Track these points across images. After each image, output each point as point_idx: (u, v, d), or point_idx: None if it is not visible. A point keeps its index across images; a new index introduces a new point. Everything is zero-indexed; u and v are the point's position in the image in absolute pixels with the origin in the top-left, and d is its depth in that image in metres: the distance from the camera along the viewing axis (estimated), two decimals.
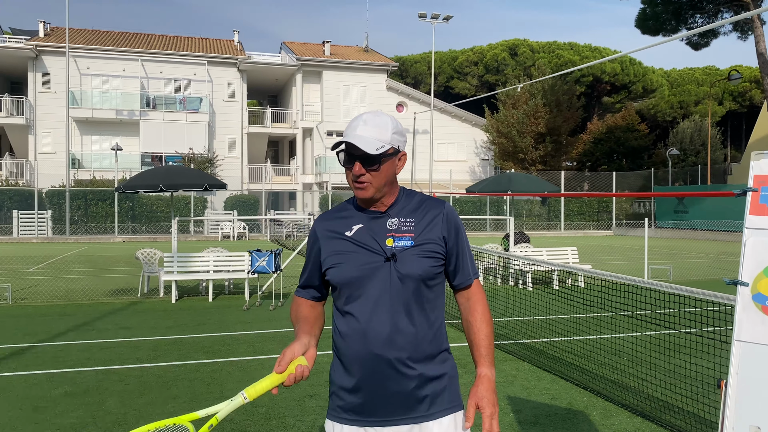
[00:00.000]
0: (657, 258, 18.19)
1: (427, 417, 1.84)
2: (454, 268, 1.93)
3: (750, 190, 2.06)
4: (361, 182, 1.83)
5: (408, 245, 1.84)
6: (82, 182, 31.37)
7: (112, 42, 37.45)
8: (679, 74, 55.55)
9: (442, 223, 1.90)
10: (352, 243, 1.86)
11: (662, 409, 4.82)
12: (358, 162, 1.81)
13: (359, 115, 1.88)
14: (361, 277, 1.81)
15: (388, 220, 1.88)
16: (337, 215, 1.94)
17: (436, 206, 1.93)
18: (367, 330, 1.80)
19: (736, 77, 31.45)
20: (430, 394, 1.84)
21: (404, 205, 1.92)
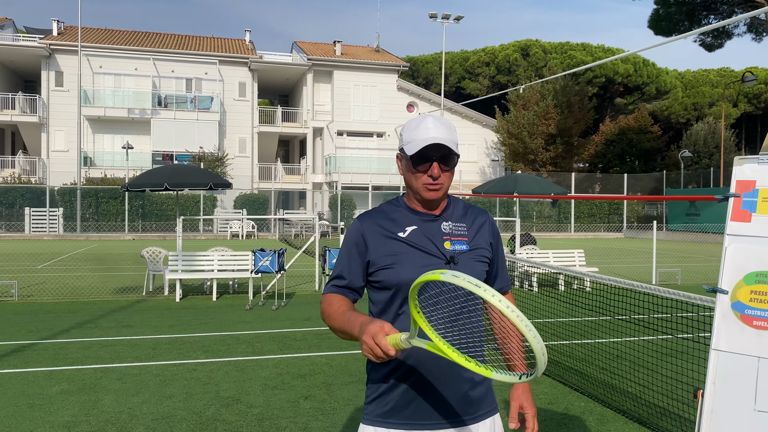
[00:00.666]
0: (667, 261, 18.02)
1: (471, 420, 1.88)
2: (495, 273, 2.03)
3: (732, 196, 2.01)
4: (438, 183, 1.85)
5: (464, 249, 1.89)
6: (94, 180, 31.61)
7: (124, 41, 37.70)
8: (693, 76, 55.06)
9: (489, 230, 1.99)
10: (407, 245, 1.86)
11: (659, 416, 4.75)
12: (437, 163, 1.84)
13: (422, 117, 1.89)
14: None
15: (443, 224, 1.91)
16: (386, 216, 1.93)
17: (481, 214, 2.02)
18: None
19: (750, 79, 31.11)
20: (477, 397, 1.89)
21: (454, 210, 1.97)
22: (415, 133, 1.85)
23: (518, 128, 37.49)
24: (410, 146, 1.84)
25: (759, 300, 1.86)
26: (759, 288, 1.87)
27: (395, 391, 1.84)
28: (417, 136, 1.84)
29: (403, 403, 1.83)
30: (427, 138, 1.82)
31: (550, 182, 13.02)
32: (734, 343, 1.87)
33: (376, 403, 1.87)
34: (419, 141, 1.83)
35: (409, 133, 1.86)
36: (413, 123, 1.88)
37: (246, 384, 5.53)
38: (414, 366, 1.81)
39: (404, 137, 1.88)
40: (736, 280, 1.92)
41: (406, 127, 1.89)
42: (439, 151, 1.83)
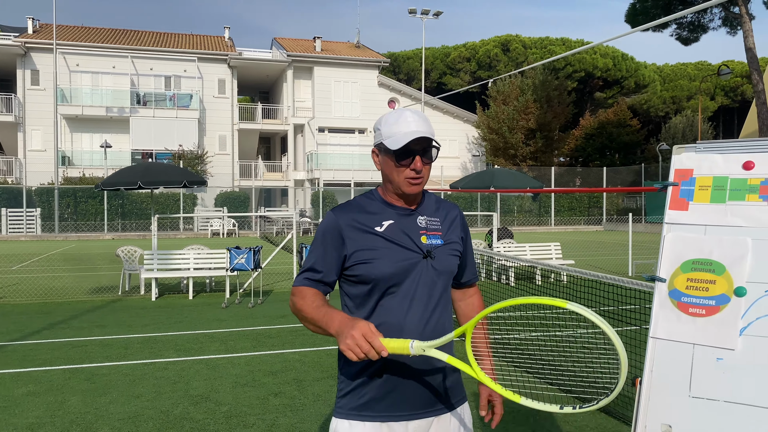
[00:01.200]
0: (644, 253, 18.19)
1: (444, 410, 1.91)
2: (464, 266, 2.07)
3: (670, 185, 2.03)
4: (420, 177, 1.86)
5: (440, 243, 1.92)
6: (72, 180, 31.23)
7: (101, 39, 37.26)
8: (671, 69, 55.61)
9: (460, 224, 2.02)
10: (385, 239, 1.86)
11: (626, 405, 4.80)
12: (419, 156, 1.84)
13: (400, 111, 1.89)
14: (398, 273, 1.83)
15: (418, 218, 1.92)
16: (362, 209, 1.91)
17: (452, 208, 2.04)
18: (404, 325, 1.83)
19: (726, 72, 31.46)
20: (450, 386, 1.92)
21: (428, 204, 1.99)
22: (395, 127, 1.84)
23: (498, 123, 37.63)
24: (392, 140, 1.83)
25: (695, 287, 1.89)
26: (695, 275, 1.89)
27: (371, 385, 1.84)
28: (398, 130, 1.83)
29: (379, 395, 1.84)
30: (410, 132, 1.82)
31: (526, 176, 13.10)
32: (671, 330, 1.89)
33: (350, 397, 1.86)
34: (401, 135, 1.82)
35: (389, 127, 1.85)
36: (391, 117, 1.87)
37: (216, 382, 5.50)
38: (391, 360, 1.82)
39: (383, 132, 1.86)
40: (674, 268, 1.94)
41: (384, 122, 1.88)
42: (421, 144, 1.84)
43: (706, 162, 2.00)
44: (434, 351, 1.66)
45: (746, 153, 1.94)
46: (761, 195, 1.88)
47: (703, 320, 1.85)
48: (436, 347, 1.67)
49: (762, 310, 1.78)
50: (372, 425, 1.83)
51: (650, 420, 1.86)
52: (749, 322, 1.78)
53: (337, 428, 1.86)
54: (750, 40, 23.36)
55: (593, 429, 4.34)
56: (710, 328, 1.83)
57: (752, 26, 23.52)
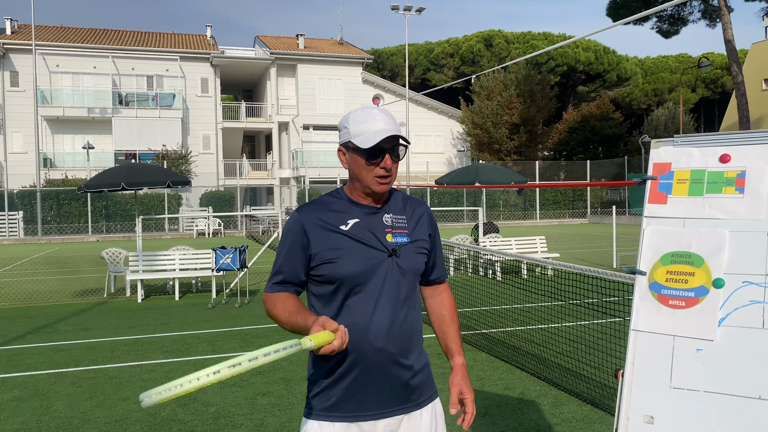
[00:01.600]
0: (629, 245, 18.36)
1: (414, 407, 1.91)
2: (433, 263, 2.05)
3: (649, 179, 2.06)
4: (390, 176, 1.85)
5: (406, 241, 1.91)
6: (54, 182, 30.90)
7: (81, 39, 36.85)
8: (652, 62, 56.05)
9: (427, 221, 2.01)
10: (350, 238, 1.84)
11: (611, 397, 4.85)
12: (389, 155, 1.83)
13: (368, 109, 1.88)
14: (363, 272, 1.82)
15: (384, 216, 1.91)
16: (327, 208, 1.90)
17: (419, 205, 2.03)
18: (370, 324, 1.82)
19: (706, 64, 31.79)
20: (418, 384, 1.91)
21: (394, 202, 1.97)
22: (364, 125, 1.83)
23: (482, 118, 37.74)
24: (362, 139, 1.82)
25: (674, 280, 1.91)
26: (674, 268, 1.92)
27: (339, 385, 1.84)
28: (367, 128, 1.82)
29: (347, 396, 1.83)
30: (380, 130, 1.82)
31: (511, 170, 13.16)
32: (651, 322, 1.91)
33: (319, 398, 1.86)
34: (372, 133, 1.81)
35: (357, 125, 1.84)
36: (359, 115, 1.86)
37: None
38: (357, 359, 1.82)
39: (351, 130, 1.85)
40: (653, 261, 1.97)
41: (352, 120, 1.86)
42: (390, 142, 1.83)
43: (684, 156, 2.03)
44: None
45: (722, 146, 1.97)
46: (737, 187, 1.91)
47: (682, 312, 1.88)
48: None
49: (740, 301, 1.81)
50: (341, 425, 1.83)
51: (632, 411, 1.88)
52: (727, 313, 1.81)
53: (308, 429, 1.86)
54: (729, 32, 23.61)
55: (579, 420, 4.39)
56: (690, 319, 1.86)
57: (731, 18, 23.78)
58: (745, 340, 1.77)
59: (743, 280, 1.81)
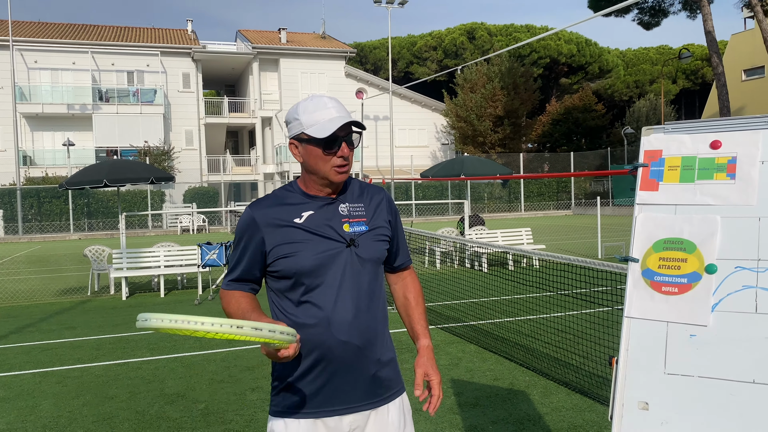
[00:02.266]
0: (613, 235, 18.51)
1: (382, 401, 1.86)
2: (396, 249, 2.01)
3: (641, 166, 2.06)
4: (348, 164, 1.81)
5: (364, 230, 1.86)
6: (35, 180, 30.49)
7: (59, 34, 36.31)
8: (633, 54, 56.41)
9: (386, 207, 1.95)
10: (305, 231, 1.80)
11: (600, 386, 4.89)
12: (345, 142, 1.79)
13: (317, 98, 1.82)
14: (321, 265, 1.77)
15: (340, 206, 1.86)
16: (279, 202, 1.85)
17: (377, 192, 1.98)
18: (332, 317, 1.77)
19: (686, 56, 32.06)
20: (385, 377, 1.87)
21: (351, 190, 1.92)
22: (316, 114, 1.78)
23: (466, 111, 37.79)
24: (316, 128, 1.77)
25: (667, 266, 1.92)
26: (667, 255, 1.92)
27: (303, 381, 1.80)
28: (320, 117, 1.78)
29: (312, 392, 1.80)
30: (334, 118, 1.77)
31: (495, 163, 13.19)
32: (645, 309, 1.92)
33: (284, 395, 1.82)
34: (326, 122, 1.77)
35: (309, 115, 1.79)
36: (309, 105, 1.81)
37: (192, 380, 5.44)
38: (321, 354, 1.78)
39: (303, 121, 1.79)
40: (646, 248, 1.97)
41: (302, 110, 1.81)
42: (345, 130, 1.79)
43: (675, 143, 2.03)
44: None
45: (713, 132, 1.98)
46: (728, 173, 1.91)
47: (675, 298, 1.88)
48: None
49: (732, 287, 1.81)
50: (306, 422, 1.79)
51: (627, 397, 1.89)
52: (720, 299, 1.82)
53: (273, 427, 1.82)
54: (709, 23, 23.81)
55: (569, 409, 4.41)
56: (683, 305, 1.86)
57: (711, 10, 23.98)
58: (738, 325, 1.78)
59: (735, 266, 1.82)
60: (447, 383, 5.09)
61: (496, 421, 4.23)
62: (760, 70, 36.01)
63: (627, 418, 1.88)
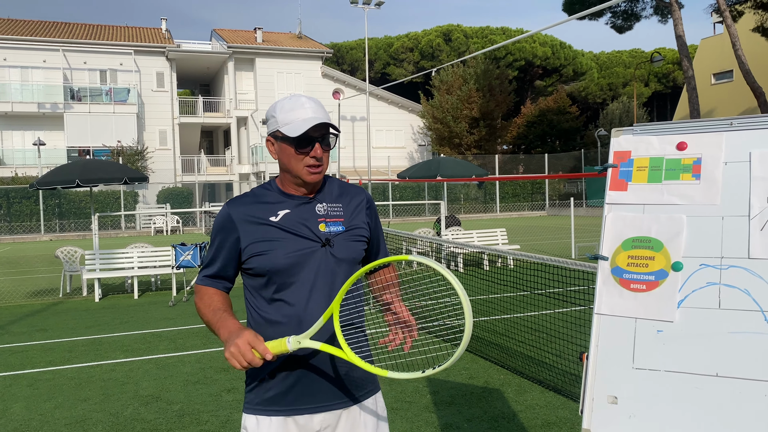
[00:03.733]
0: (586, 236, 18.76)
1: (354, 400, 1.86)
2: (376, 250, 2.02)
3: (610, 167, 2.11)
4: (321, 165, 1.81)
5: (340, 230, 1.86)
6: (4, 180, 29.90)
7: (30, 31, 35.65)
8: (607, 57, 57.24)
9: (365, 208, 1.95)
10: (280, 229, 1.80)
11: (573, 383, 4.97)
12: (318, 143, 1.79)
13: (295, 97, 1.83)
14: (295, 263, 1.77)
15: (317, 206, 1.86)
16: (256, 200, 1.85)
17: (358, 192, 1.98)
18: (303, 316, 1.77)
19: (658, 59, 32.64)
20: (358, 377, 1.87)
21: (329, 190, 1.92)
22: (292, 114, 1.79)
23: (443, 113, 37.99)
24: (290, 128, 1.78)
25: (635, 264, 1.97)
26: (635, 253, 1.98)
27: (275, 379, 1.81)
28: (295, 116, 1.79)
29: (284, 389, 1.81)
30: (308, 118, 1.78)
31: (471, 164, 13.29)
32: (614, 306, 1.97)
33: (256, 392, 1.84)
34: (300, 122, 1.78)
35: (285, 114, 1.80)
36: (287, 104, 1.82)
37: (167, 381, 5.40)
38: (293, 352, 1.79)
39: (279, 119, 1.81)
40: (615, 246, 2.02)
41: (279, 109, 1.82)
42: (320, 131, 1.80)
43: (643, 144, 2.08)
44: (309, 342, 1.65)
45: (679, 134, 2.04)
46: (694, 174, 1.97)
47: (643, 295, 1.93)
48: (311, 337, 1.66)
49: (697, 283, 1.87)
50: (278, 420, 1.80)
51: (597, 392, 1.93)
52: (686, 295, 1.88)
53: (246, 424, 1.84)
54: (680, 27, 24.27)
55: (542, 407, 4.48)
56: (650, 302, 1.92)
57: (681, 15, 24.44)
58: (703, 321, 1.84)
59: (700, 263, 1.88)
60: (423, 382, 5.12)
61: (471, 419, 4.28)
62: (728, 74, 36.81)
63: (597, 412, 1.93)
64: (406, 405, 4.59)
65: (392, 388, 4.95)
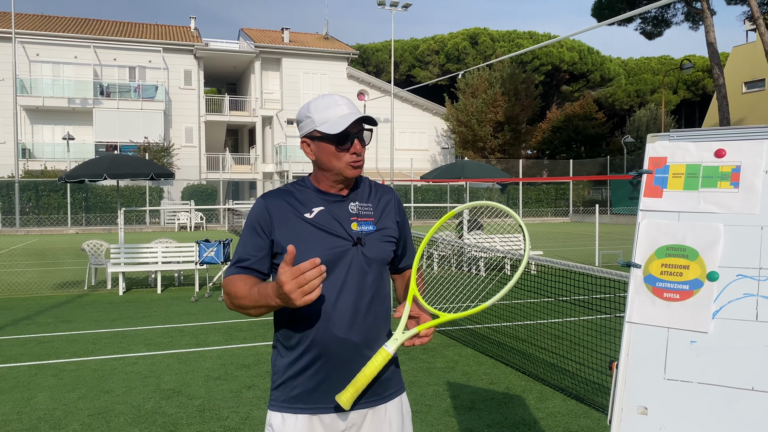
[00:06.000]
0: (610, 243, 18.55)
1: (379, 400, 1.86)
2: (402, 251, 2.01)
3: (645, 173, 2.07)
4: (361, 160, 1.83)
5: (371, 230, 1.86)
6: (33, 173, 30.45)
7: (63, 28, 36.30)
8: (635, 63, 56.55)
9: (395, 208, 1.96)
10: (314, 226, 1.80)
11: (596, 392, 4.90)
12: (357, 139, 1.80)
13: (328, 96, 1.84)
14: (327, 261, 1.76)
15: (350, 204, 1.87)
16: (291, 196, 1.86)
17: (387, 192, 1.98)
18: (332, 314, 1.78)
19: (688, 66, 32.17)
20: (385, 376, 1.86)
21: (361, 189, 1.93)
22: (328, 112, 1.80)
23: (467, 116, 37.84)
24: (329, 125, 1.78)
25: (669, 273, 1.93)
26: (669, 261, 1.94)
27: (301, 377, 1.81)
28: (332, 114, 1.79)
29: (310, 387, 1.80)
30: (346, 114, 1.79)
31: (495, 168, 13.22)
32: (646, 315, 1.93)
33: (282, 389, 1.83)
34: (339, 118, 1.78)
35: (321, 113, 1.80)
36: (321, 103, 1.82)
37: (188, 376, 5.44)
38: (320, 351, 1.79)
39: (315, 118, 1.81)
40: (648, 254, 1.98)
41: (314, 108, 1.82)
42: (357, 127, 1.81)
43: (680, 150, 2.04)
44: (404, 336, 1.74)
45: (718, 141, 1.99)
46: (732, 182, 1.92)
47: (677, 304, 1.89)
48: (402, 332, 1.75)
49: (733, 294, 1.82)
50: (304, 417, 1.80)
51: (626, 402, 1.89)
52: (721, 306, 1.83)
53: (271, 421, 1.83)
54: (711, 35, 23.89)
55: (564, 415, 4.42)
56: (684, 312, 1.87)
57: (713, 21, 24.06)
58: (738, 332, 1.79)
59: (737, 274, 1.83)
60: (443, 386, 5.09)
61: (492, 425, 4.24)
62: (760, 83, 36.14)
63: (626, 422, 1.89)
64: (426, 408, 4.56)
65: (412, 391, 4.93)
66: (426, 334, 1.78)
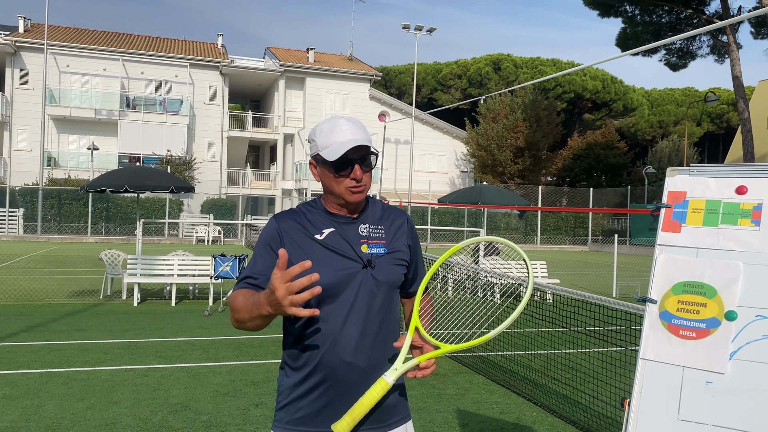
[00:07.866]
0: (628, 274, 18.30)
1: (384, 428, 1.83)
2: (413, 275, 1.99)
3: (663, 206, 2.04)
4: (362, 185, 1.81)
5: (382, 252, 1.85)
6: (57, 181, 30.94)
7: (92, 41, 37.09)
8: (659, 94, 56.33)
9: (407, 232, 1.94)
10: (325, 247, 1.80)
11: (608, 426, 4.79)
12: (358, 165, 1.79)
13: (334, 120, 1.83)
14: (336, 283, 1.76)
15: (360, 226, 1.86)
16: (302, 216, 1.86)
17: (399, 215, 1.96)
18: (339, 336, 1.76)
19: (712, 99, 31.94)
20: (390, 403, 1.84)
21: (372, 211, 1.92)
22: (331, 137, 1.79)
23: (487, 140, 37.84)
24: (329, 151, 1.78)
25: (685, 310, 1.88)
26: (686, 298, 1.89)
27: (306, 399, 1.79)
28: (334, 139, 1.78)
29: (314, 410, 1.79)
30: (346, 141, 1.77)
31: (514, 194, 13.15)
32: (661, 352, 1.88)
33: (286, 410, 1.82)
34: (338, 145, 1.78)
35: (324, 137, 1.80)
36: (326, 126, 1.82)
37: (197, 390, 5.42)
38: (326, 373, 1.77)
39: (318, 142, 1.81)
40: (665, 289, 1.94)
41: (319, 132, 1.82)
42: (359, 152, 1.80)
43: (699, 185, 2.01)
44: (403, 367, 1.74)
45: (739, 177, 1.95)
46: (753, 220, 1.88)
47: (693, 343, 1.85)
48: (403, 362, 1.75)
49: (752, 335, 1.78)
50: None
51: None
52: (739, 347, 1.78)
53: None
54: (737, 68, 23.73)
55: None
56: (700, 351, 1.83)
57: (739, 55, 23.91)
58: (757, 375, 1.74)
59: (756, 314, 1.78)
60: (453, 413, 5.02)
61: None
62: None
63: None
64: None
65: (420, 417, 4.87)
66: (427, 365, 1.75)
